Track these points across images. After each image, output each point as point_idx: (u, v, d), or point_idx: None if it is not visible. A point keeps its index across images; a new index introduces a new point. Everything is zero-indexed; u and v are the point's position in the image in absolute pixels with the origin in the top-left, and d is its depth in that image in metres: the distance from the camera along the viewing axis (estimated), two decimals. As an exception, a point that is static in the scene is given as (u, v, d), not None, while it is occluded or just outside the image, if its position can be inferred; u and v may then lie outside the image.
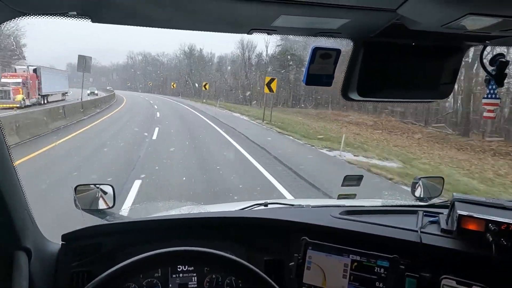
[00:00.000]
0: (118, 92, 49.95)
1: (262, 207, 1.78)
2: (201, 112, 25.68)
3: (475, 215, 1.21)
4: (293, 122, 20.71)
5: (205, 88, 36.70)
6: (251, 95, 51.09)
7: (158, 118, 20.37)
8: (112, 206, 1.74)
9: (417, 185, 2.01)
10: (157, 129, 14.40)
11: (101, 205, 1.74)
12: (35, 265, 1.13)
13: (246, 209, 1.76)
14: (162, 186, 6.57)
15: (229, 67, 64.42)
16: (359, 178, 1.84)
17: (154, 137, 12.59)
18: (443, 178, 2.04)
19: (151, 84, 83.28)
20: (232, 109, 30.34)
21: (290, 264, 1.33)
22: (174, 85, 55.88)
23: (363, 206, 1.65)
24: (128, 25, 0.94)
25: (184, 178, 7.13)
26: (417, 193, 1.98)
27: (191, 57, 73.62)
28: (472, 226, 1.20)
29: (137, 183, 6.51)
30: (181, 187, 6.54)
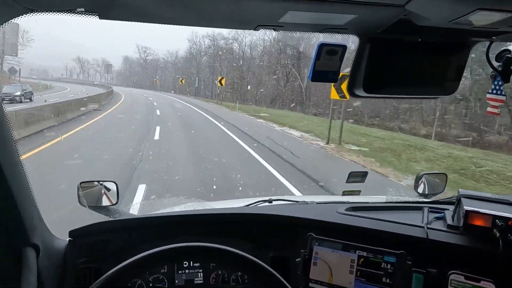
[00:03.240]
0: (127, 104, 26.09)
1: (267, 203, 1.78)
2: None
3: (482, 211, 1.21)
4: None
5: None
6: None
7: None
8: (116, 203, 1.74)
9: (420, 181, 2.01)
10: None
11: (105, 202, 1.74)
12: (43, 261, 1.12)
13: (250, 205, 1.76)
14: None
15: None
16: (363, 175, 1.84)
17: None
18: (446, 175, 2.05)
19: (222, 81, 32.65)
20: None
21: (297, 260, 1.33)
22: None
23: (368, 203, 1.65)
24: (135, 21, 0.93)
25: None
26: (420, 189, 1.98)
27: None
28: (479, 222, 1.21)
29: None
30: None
